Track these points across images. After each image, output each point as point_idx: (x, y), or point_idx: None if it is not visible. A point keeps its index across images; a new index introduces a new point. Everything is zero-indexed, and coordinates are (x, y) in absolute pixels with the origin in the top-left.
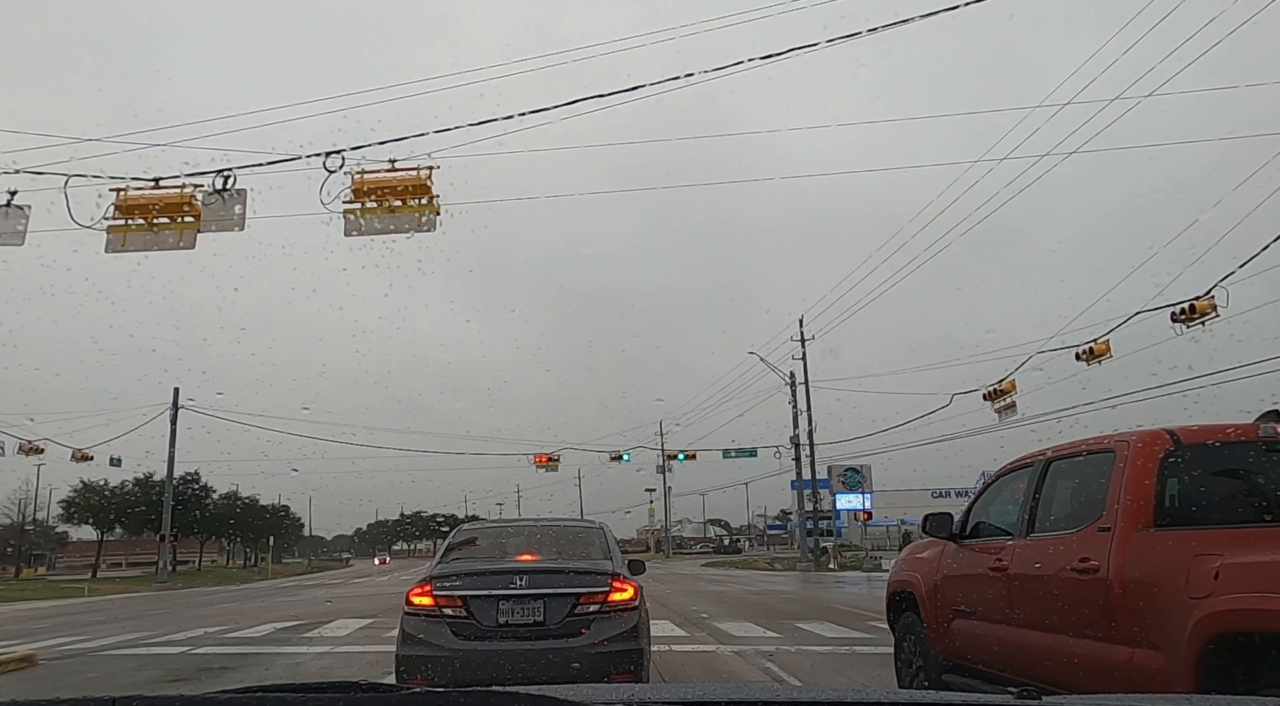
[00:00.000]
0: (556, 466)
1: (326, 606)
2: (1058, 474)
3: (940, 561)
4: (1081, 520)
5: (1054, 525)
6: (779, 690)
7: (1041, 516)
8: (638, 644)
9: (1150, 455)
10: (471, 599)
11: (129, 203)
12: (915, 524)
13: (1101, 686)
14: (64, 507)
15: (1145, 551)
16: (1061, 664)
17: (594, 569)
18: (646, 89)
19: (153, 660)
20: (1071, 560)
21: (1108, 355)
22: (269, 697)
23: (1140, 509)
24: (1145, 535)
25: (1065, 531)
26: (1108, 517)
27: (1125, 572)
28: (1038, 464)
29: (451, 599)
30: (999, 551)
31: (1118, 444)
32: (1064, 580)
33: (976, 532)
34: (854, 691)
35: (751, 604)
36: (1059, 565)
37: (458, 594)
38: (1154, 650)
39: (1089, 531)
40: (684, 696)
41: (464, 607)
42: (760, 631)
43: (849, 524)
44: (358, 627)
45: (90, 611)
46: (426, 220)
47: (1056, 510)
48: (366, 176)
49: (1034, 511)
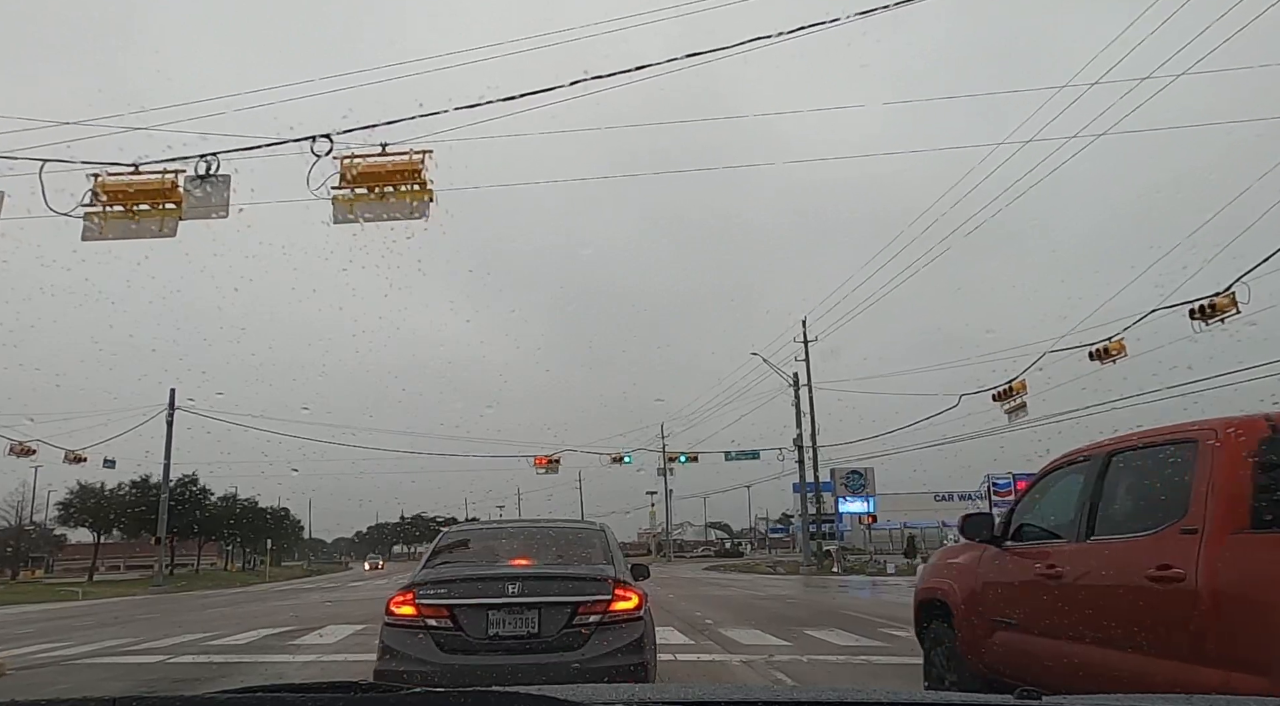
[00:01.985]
0: (557, 468)
1: (318, 611)
2: (1122, 468)
3: (978, 567)
4: (1157, 521)
5: (1120, 527)
6: (779, 690)
7: (1103, 517)
8: (642, 657)
9: (1245, 445)
10: (458, 608)
11: (108, 189)
12: (919, 528)
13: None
14: (60, 510)
15: (1242, 558)
16: (1131, 685)
17: (594, 575)
18: (650, 69)
19: (127, 670)
20: (1146, 567)
21: (1122, 354)
22: (269, 697)
23: (1234, 508)
24: (1242, 539)
25: (1136, 534)
26: (1193, 518)
27: (1217, 582)
28: (1095, 458)
29: (436, 608)
30: (1051, 556)
31: (1202, 432)
32: (1136, 590)
33: (1020, 535)
34: (853, 692)
35: (757, 609)
36: (1129, 573)
37: (443, 603)
38: (1257, 674)
39: (1168, 534)
40: (684, 696)
41: (450, 618)
42: (768, 639)
43: (851, 527)
44: (349, 634)
45: (80, 615)
46: (419, 207)
47: (1122, 510)
48: (356, 161)
49: (1093, 511)
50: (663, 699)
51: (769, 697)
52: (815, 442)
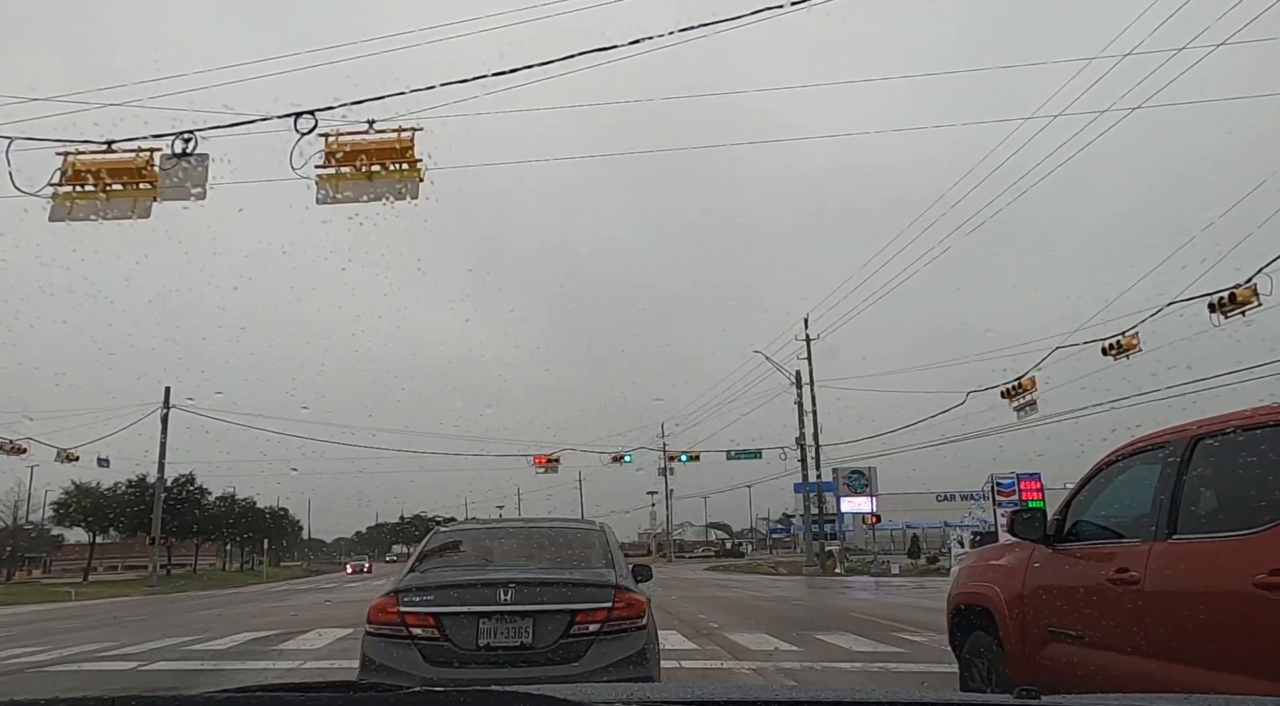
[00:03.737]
0: (556, 468)
1: (310, 613)
2: (1212, 456)
3: (1027, 569)
4: (1262, 517)
5: (1211, 525)
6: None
7: (1189, 513)
8: (646, 671)
9: None
10: (445, 617)
11: (78, 167)
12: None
13: None
14: (55, 510)
15: None
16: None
17: (594, 580)
18: (653, 41)
19: (94, 678)
20: (1252, 572)
21: (1136, 349)
22: (267, 697)
23: None
24: None
25: (1234, 533)
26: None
27: None
28: (1176, 444)
29: (421, 616)
30: (1121, 558)
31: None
32: (1238, 598)
33: (1077, 534)
34: (853, 691)
35: (762, 612)
36: (1228, 578)
37: (429, 611)
38: None
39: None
40: (684, 695)
41: (436, 627)
42: (777, 644)
43: (853, 527)
44: (336, 638)
45: (67, 617)
46: (408, 186)
47: (1213, 504)
48: (341, 139)
49: (1175, 506)
50: (662, 698)
51: (768, 697)
52: (818, 442)
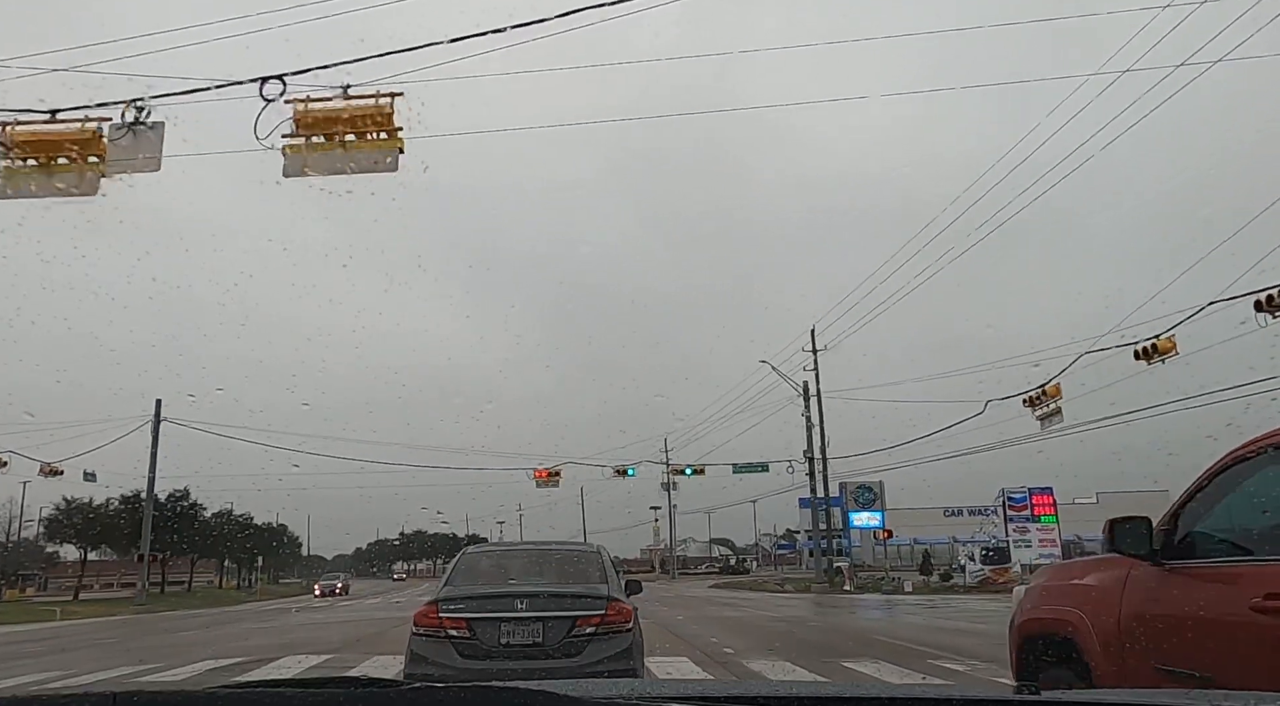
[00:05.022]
0: (558, 481)
1: (291, 636)
2: None
3: (1124, 592)
4: None
5: None
6: (779, 686)
7: None
8: (630, 664)
9: None
10: (475, 621)
11: (18, 139)
12: (928, 544)
13: None
14: (45, 526)
15: None
16: None
17: (591, 592)
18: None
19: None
20: None
21: (1173, 352)
22: (269, 693)
23: None
24: None
25: None
26: None
27: None
28: None
29: (456, 620)
30: (1261, 580)
31: None
32: None
33: (1192, 550)
34: (853, 687)
35: (778, 634)
36: None
37: (462, 616)
38: None
39: None
40: (683, 692)
41: (468, 628)
42: (801, 674)
43: (861, 543)
44: (310, 666)
45: (41, 639)
46: (388, 159)
47: None
48: (313, 106)
49: None
50: (659, 694)
51: (767, 692)
52: (825, 455)
